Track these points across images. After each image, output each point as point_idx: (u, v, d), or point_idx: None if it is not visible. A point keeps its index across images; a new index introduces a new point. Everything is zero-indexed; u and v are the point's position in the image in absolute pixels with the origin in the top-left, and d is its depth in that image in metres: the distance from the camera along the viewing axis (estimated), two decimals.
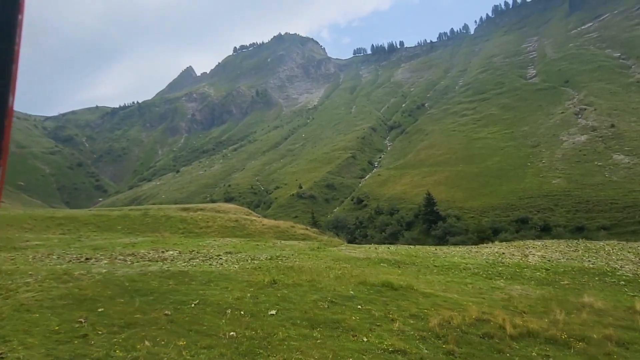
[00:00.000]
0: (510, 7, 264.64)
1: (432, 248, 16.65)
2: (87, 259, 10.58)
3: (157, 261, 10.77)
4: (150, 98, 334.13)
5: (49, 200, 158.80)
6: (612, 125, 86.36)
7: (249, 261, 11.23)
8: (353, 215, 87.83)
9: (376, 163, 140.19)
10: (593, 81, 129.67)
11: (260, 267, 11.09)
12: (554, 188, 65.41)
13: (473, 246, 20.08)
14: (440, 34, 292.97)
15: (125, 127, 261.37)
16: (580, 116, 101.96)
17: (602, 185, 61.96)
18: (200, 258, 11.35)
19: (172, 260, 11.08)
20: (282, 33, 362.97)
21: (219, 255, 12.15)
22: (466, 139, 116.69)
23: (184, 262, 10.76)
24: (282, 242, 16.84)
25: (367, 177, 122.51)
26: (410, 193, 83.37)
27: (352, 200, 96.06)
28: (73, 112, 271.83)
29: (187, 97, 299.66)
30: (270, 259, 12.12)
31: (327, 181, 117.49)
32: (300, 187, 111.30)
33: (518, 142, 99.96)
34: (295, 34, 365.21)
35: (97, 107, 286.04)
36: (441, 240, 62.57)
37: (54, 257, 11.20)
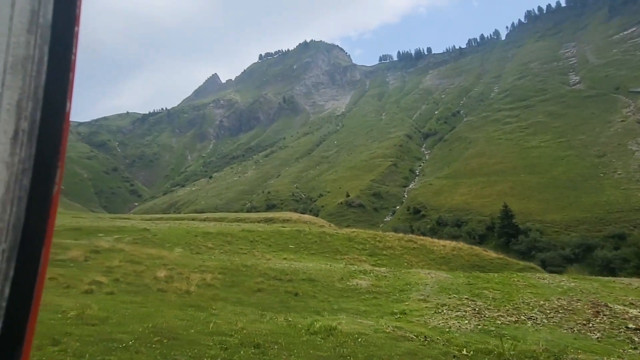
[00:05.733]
0: (544, 12, 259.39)
1: None
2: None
3: None
4: (176, 105, 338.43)
5: (88, 204, 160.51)
6: None
7: None
8: (410, 226, 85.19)
9: (417, 171, 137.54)
10: None
11: None
12: None
13: None
14: (469, 40, 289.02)
15: (156, 133, 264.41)
16: None
17: None
18: None
19: None
20: (308, 40, 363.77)
21: None
22: (518, 147, 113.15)
23: None
24: (575, 277, 14.43)
25: (412, 186, 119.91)
26: (474, 204, 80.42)
27: (407, 210, 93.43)
28: (105, 118, 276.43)
29: (215, 103, 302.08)
30: None
31: (373, 189, 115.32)
32: (348, 196, 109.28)
33: (579, 152, 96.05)
34: (321, 40, 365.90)
35: (127, 113, 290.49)
36: (525, 256, 59.58)
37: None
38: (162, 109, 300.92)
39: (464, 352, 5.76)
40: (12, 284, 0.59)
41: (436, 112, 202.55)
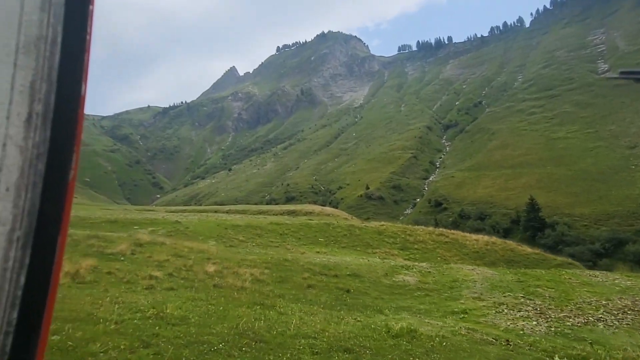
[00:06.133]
0: None
1: None
2: None
3: None
4: (195, 98, 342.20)
5: (112, 196, 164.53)
6: None
7: None
8: (431, 219, 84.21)
9: (438, 163, 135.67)
10: None
11: None
12: None
13: None
14: (492, 28, 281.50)
15: (176, 126, 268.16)
16: None
17: None
18: None
19: None
20: (325, 31, 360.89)
21: None
22: (543, 138, 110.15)
23: None
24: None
25: (433, 178, 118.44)
26: (498, 197, 78.86)
27: (428, 202, 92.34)
28: (127, 112, 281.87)
29: (233, 96, 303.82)
30: None
31: (393, 182, 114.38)
32: (367, 188, 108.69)
33: (609, 143, 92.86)
34: (339, 31, 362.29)
35: (148, 107, 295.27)
36: (553, 250, 58.29)
37: None
38: (182, 102, 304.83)
39: (556, 358, 5.51)
40: (27, 272, 0.59)
41: (457, 103, 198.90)
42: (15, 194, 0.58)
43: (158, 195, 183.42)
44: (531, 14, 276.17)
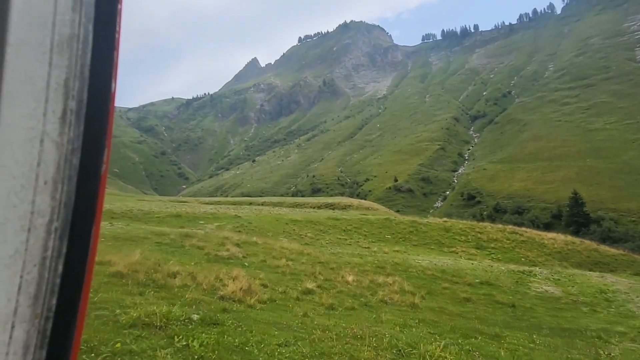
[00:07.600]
0: None
1: None
2: None
3: None
4: (218, 90, 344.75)
5: (140, 186, 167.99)
6: None
7: None
8: (465, 213, 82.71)
9: (467, 155, 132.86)
10: None
11: None
12: None
13: None
14: (520, 15, 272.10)
15: (199, 118, 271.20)
16: None
17: None
18: None
19: None
20: (347, 21, 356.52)
21: None
22: (580, 130, 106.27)
23: None
24: None
25: (462, 171, 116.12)
26: (536, 190, 76.64)
27: (460, 195, 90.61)
28: (152, 104, 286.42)
29: (255, 87, 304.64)
30: None
31: (421, 174, 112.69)
32: (396, 180, 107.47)
33: None
34: (361, 21, 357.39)
35: (172, 98, 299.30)
36: None
37: None
38: (205, 93, 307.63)
39: None
40: (65, 261, 0.62)
41: (485, 93, 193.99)
42: (52, 188, 0.61)
43: (184, 186, 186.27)
44: (562, 0, 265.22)
